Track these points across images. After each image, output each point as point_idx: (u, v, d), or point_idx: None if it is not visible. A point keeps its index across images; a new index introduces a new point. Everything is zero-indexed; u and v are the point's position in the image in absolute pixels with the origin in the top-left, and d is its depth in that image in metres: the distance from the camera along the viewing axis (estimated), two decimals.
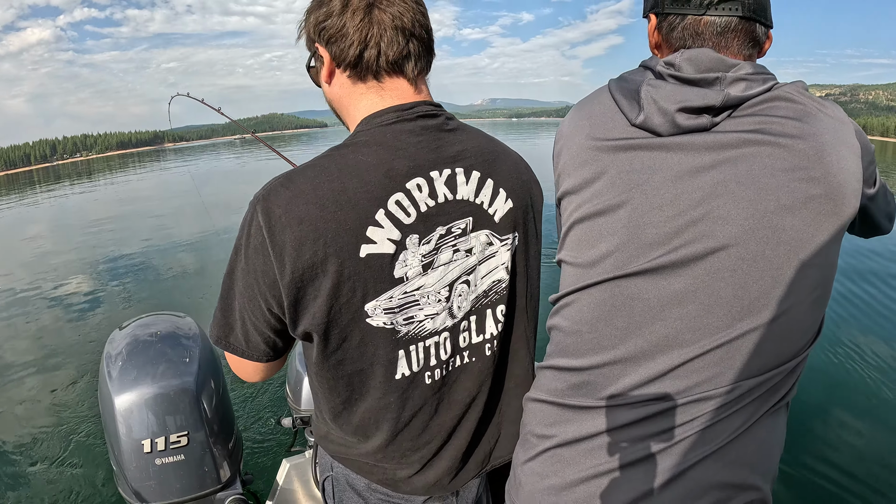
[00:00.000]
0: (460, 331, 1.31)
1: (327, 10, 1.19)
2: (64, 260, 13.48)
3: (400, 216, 1.17)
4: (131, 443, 2.35)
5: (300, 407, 2.85)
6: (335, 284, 1.14)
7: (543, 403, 1.23)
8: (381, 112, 1.22)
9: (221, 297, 1.23)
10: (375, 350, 1.22)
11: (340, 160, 1.17)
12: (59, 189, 45.14)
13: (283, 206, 1.11)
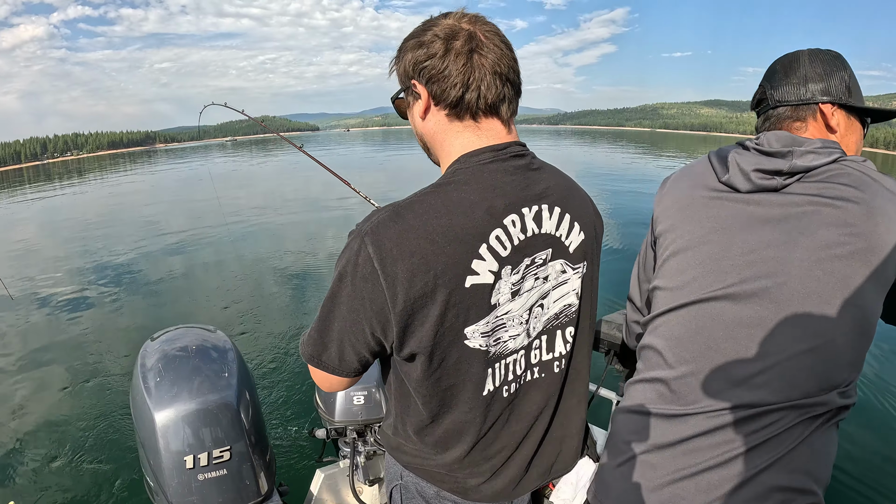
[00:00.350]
0: (532, 349, 1.44)
1: (428, 52, 1.29)
2: (76, 265, 13.57)
3: (499, 249, 1.29)
4: (173, 459, 2.34)
5: (333, 419, 2.90)
6: (442, 312, 1.25)
7: (634, 414, 1.47)
8: (479, 151, 1.33)
9: (320, 318, 1.34)
10: (469, 368, 1.33)
11: (445, 197, 1.27)
12: (63, 187, 45.13)
13: (393, 239, 1.22)
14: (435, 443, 1.43)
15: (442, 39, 1.29)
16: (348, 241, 1.28)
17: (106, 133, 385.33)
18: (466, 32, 1.29)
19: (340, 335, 1.32)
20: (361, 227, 1.26)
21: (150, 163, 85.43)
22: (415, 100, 1.38)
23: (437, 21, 1.34)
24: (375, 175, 36.73)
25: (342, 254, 1.29)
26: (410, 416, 1.43)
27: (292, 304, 10.17)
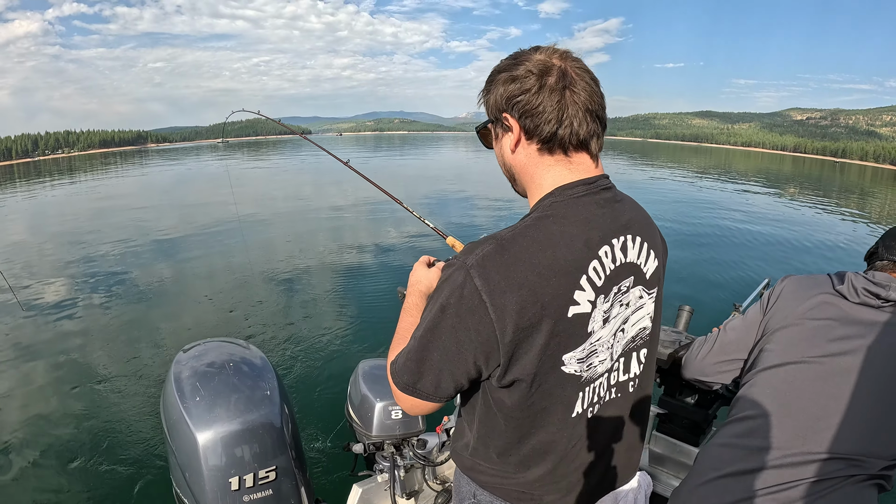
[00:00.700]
0: (613, 370, 1.50)
1: (521, 87, 1.33)
2: (86, 269, 13.60)
3: (595, 280, 1.34)
4: (217, 480, 2.31)
5: (371, 433, 2.91)
6: (546, 341, 1.30)
7: (725, 447, 1.72)
8: (572, 185, 1.38)
9: (417, 349, 1.36)
10: (562, 392, 1.38)
11: (546, 230, 1.32)
12: (63, 185, 44.95)
13: (500, 271, 1.26)
14: (518, 462, 1.47)
15: (535, 75, 1.32)
16: (449, 273, 1.32)
17: (98, 131, 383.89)
18: (559, 69, 1.33)
19: (440, 364, 1.34)
20: (465, 260, 1.29)
21: (142, 164, 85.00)
22: (504, 132, 1.42)
23: (529, 56, 1.37)
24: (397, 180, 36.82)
25: (442, 285, 1.33)
26: (495, 437, 1.46)
27: (316, 313, 10.18)
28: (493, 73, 1.42)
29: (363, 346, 8.56)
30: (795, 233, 20.79)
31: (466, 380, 1.37)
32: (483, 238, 1.34)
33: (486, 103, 1.45)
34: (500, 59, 1.42)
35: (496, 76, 1.40)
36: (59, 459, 5.78)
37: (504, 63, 1.40)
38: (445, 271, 1.34)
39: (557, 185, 1.39)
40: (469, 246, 1.34)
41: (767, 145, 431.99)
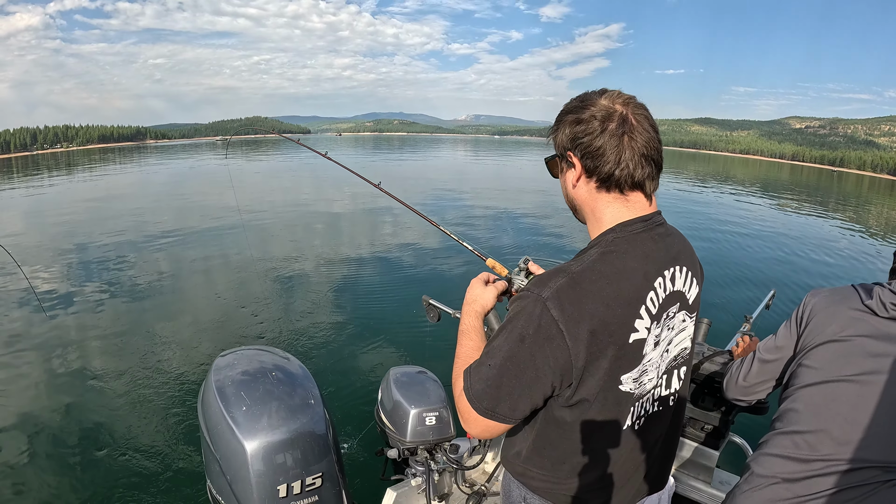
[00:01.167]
0: (658, 387, 1.66)
1: (586, 129, 1.50)
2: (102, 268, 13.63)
3: (651, 308, 1.52)
4: (265, 488, 2.37)
5: (406, 439, 3.02)
6: (610, 365, 1.47)
7: (776, 457, 1.85)
8: (631, 222, 1.55)
9: (497, 376, 1.49)
10: (617, 408, 1.55)
11: (611, 265, 1.48)
12: (71, 180, 44.80)
13: (574, 303, 1.41)
14: (570, 470, 1.62)
15: (599, 120, 1.48)
16: (524, 305, 1.46)
17: (97, 126, 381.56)
18: (620, 115, 1.48)
19: (519, 390, 1.47)
20: (540, 293, 1.43)
21: (146, 161, 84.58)
22: (568, 167, 1.59)
23: (595, 100, 1.51)
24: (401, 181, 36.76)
25: (517, 315, 1.47)
26: (551, 448, 1.62)
27: (340, 320, 10.26)
28: (562, 112, 1.58)
29: (390, 353, 8.66)
30: (796, 242, 21.08)
31: (542, 400, 1.51)
32: (553, 271, 1.49)
33: (554, 140, 1.61)
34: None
35: (564, 116, 1.56)
36: (90, 460, 5.90)
37: (572, 105, 1.55)
38: (519, 302, 1.48)
39: (617, 221, 1.55)
40: (540, 278, 1.49)
41: (766, 153, 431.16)
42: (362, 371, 7.98)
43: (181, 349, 8.85)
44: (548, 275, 1.49)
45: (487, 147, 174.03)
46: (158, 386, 7.50)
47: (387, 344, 9.04)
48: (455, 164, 71.70)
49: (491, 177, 48.16)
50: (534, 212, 24.82)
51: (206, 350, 8.70)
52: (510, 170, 58.77)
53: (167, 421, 6.58)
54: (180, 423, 6.48)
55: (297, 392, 2.64)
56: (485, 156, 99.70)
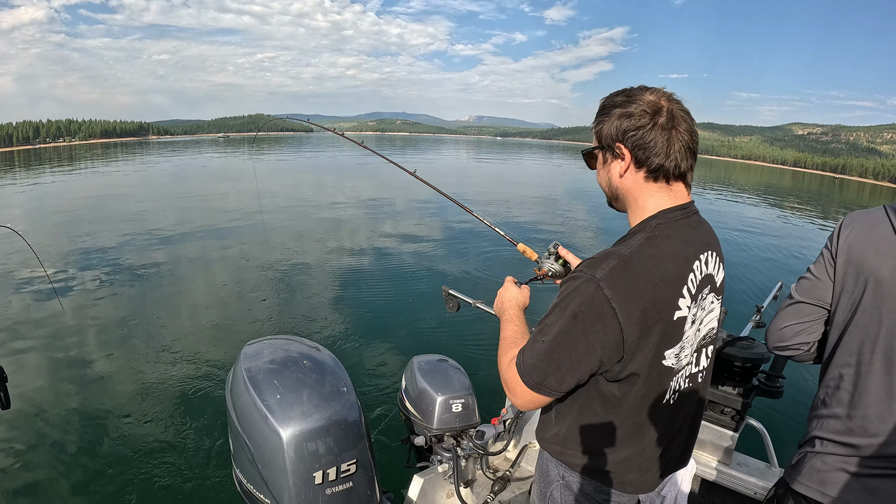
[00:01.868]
0: (689, 364, 1.75)
1: (636, 123, 1.60)
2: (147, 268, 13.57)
3: (691, 289, 1.63)
4: (301, 475, 2.38)
5: (432, 426, 3.08)
6: (658, 341, 1.57)
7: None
8: (672, 209, 1.66)
9: (549, 350, 1.58)
10: (660, 382, 1.65)
11: (657, 249, 1.58)
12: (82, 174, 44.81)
13: (626, 283, 1.50)
14: (610, 445, 1.71)
15: (649, 115, 1.57)
16: (577, 284, 1.54)
17: (99, 121, 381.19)
18: (667, 110, 1.58)
19: (568, 364, 1.56)
20: (593, 273, 1.52)
21: (158, 154, 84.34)
22: (614, 158, 1.67)
23: (640, 96, 1.62)
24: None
25: (570, 294, 1.55)
26: (593, 423, 1.71)
27: (360, 310, 10.35)
28: (607, 106, 1.67)
29: (410, 341, 8.74)
30: (799, 241, 21.92)
31: (588, 376, 1.60)
32: (603, 254, 1.58)
33: (598, 132, 1.70)
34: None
35: (611, 110, 1.65)
36: (115, 447, 5.95)
37: (619, 99, 1.65)
38: (572, 283, 1.57)
39: (659, 208, 1.65)
40: (591, 261, 1.57)
41: (768, 159, 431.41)
42: (383, 359, 8.05)
43: (205, 338, 8.90)
44: (599, 257, 1.57)
45: (489, 148, 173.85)
46: (181, 374, 7.54)
47: (406, 332, 9.14)
48: (457, 164, 71.60)
49: (493, 178, 48.12)
50: (538, 209, 24.86)
51: (230, 339, 8.76)
52: (514, 172, 58.61)
53: (190, 409, 6.63)
54: (204, 411, 6.54)
55: (327, 380, 2.66)
56: (488, 155, 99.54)
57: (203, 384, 7.27)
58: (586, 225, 22.25)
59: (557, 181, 48.09)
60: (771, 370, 3.21)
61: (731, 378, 3.10)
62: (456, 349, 7.62)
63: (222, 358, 8.01)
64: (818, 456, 1.80)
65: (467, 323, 8.84)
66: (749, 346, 3.07)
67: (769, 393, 3.17)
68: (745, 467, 3.16)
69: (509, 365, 1.69)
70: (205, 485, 5.22)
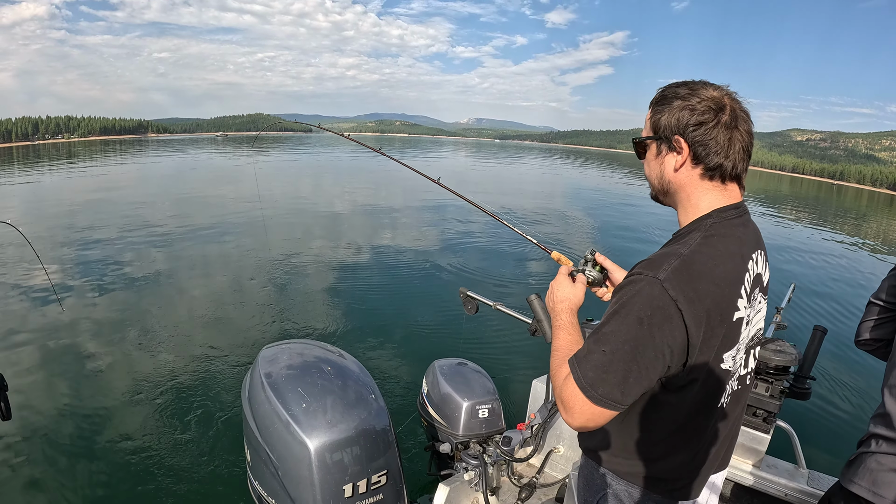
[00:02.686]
0: (740, 365, 1.69)
1: (700, 119, 1.54)
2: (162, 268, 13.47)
3: (748, 289, 1.60)
4: (329, 488, 2.29)
5: (458, 433, 3.01)
6: (720, 344, 1.53)
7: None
8: (726, 208, 1.62)
9: (611, 362, 1.48)
10: (718, 385, 1.59)
11: (715, 249, 1.54)
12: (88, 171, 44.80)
13: (690, 284, 1.45)
14: (664, 451, 1.65)
15: (713, 111, 1.52)
16: (639, 287, 1.47)
17: (98, 118, 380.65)
18: (731, 109, 1.54)
19: (636, 374, 1.47)
20: (655, 274, 1.45)
21: (140, 154, 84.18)
22: (670, 151, 1.61)
23: (702, 90, 1.56)
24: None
25: (632, 298, 1.47)
26: (648, 428, 1.64)
27: (378, 314, 10.24)
28: (668, 96, 1.61)
29: (428, 345, 8.60)
30: (804, 244, 22.21)
31: (653, 383, 1.52)
32: (662, 254, 1.53)
33: (655, 122, 1.63)
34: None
35: (672, 101, 1.58)
36: (124, 454, 5.85)
37: (680, 91, 1.58)
38: (631, 287, 1.49)
39: (713, 207, 1.60)
40: (649, 262, 1.51)
41: (766, 164, 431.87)
42: (400, 363, 7.95)
43: (216, 343, 8.73)
44: (657, 258, 1.52)
45: (490, 151, 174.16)
46: (190, 381, 7.40)
47: (425, 336, 9.04)
48: (457, 163, 71.69)
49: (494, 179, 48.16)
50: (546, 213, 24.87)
51: (245, 343, 8.64)
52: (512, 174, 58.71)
53: (201, 417, 6.50)
54: (216, 420, 6.40)
55: (352, 386, 2.59)
56: (486, 158, 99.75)
57: (215, 390, 7.14)
58: (585, 226, 22.27)
59: (557, 184, 48.09)
60: (799, 372, 3.21)
61: (764, 380, 3.10)
62: (476, 352, 7.50)
63: (237, 362, 7.88)
64: (873, 456, 1.79)
65: (487, 325, 8.74)
66: (781, 347, 3.09)
67: (798, 394, 3.17)
68: (775, 469, 3.17)
69: (565, 383, 1.57)
70: (218, 497, 5.11)
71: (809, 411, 5.61)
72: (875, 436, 1.80)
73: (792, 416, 3.25)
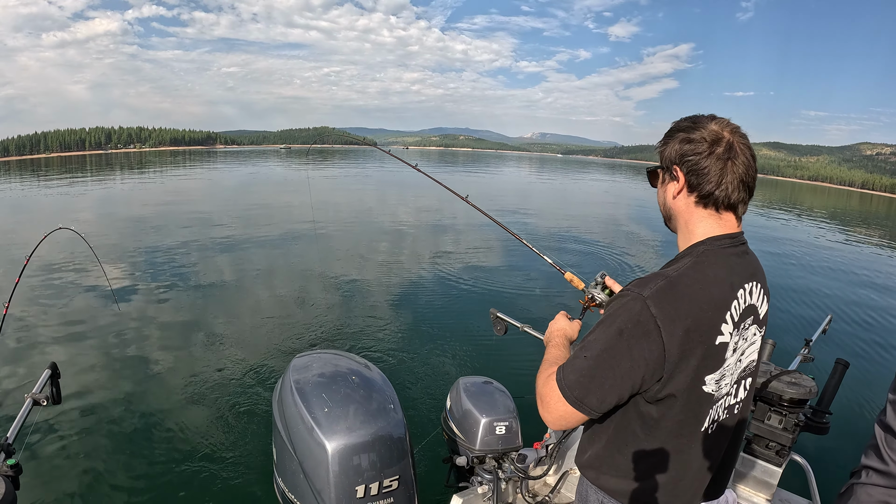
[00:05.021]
0: (729, 395, 1.75)
1: (694, 149, 1.65)
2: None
3: (734, 316, 1.64)
4: (343, 488, 2.45)
5: (475, 447, 3.11)
6: (697, 364, 1.58)
7: None
8: (720, 237, 1.69)
9: (589, 367, 1.60)
10: (698, 408, 1.66)
11: (703, 273, 1.62)
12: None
13: (672, 303, 1.54)
14: (647, 469, 1.72)
15: (708, 143, 1.62)
16: (624, 302, 1.59)
17: (169, 129, 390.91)
18: (727, 142, 1.62)
19: (611, 382, 1.58)
20: (640, 292, 1.57)
21: (207, 166, 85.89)
22: (671, 180, 1.73)
23: (705, 124, 1.66)
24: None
25: (617, 311, 1.59)
26: (630, 446, 1.72)
27: (408, 328, 10.38)
28: (672, 130, 1.73)
29: (456, 363, 8.70)
30: (855, 270, 20.59)
31: (628, 394, 1.61)
32: (652, 275, 1.63)
33: (661, 153, 1.76)
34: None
35: (675, 134, 1.71)
36: (157, 450, 6.12)
37: (684, 124, 1.71)
38: (619, 300, 1.61)
39: (708, 235, 1.69)
40: (640, 281, 1.62)
41: (835, 180, 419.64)
42: (428, 379, 8.06)
43: (255, 347, 9.04)
44: (647, 278, 1.62)
45: (554, 166, 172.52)
46: (228, 382, 7.70)
47: (454, 354, 9.09)
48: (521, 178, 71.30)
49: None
50: (601, 233, 24.67)
51: (279, 350, 8.89)
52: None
53: (236, 416, 6.76)
54: (248, 419, 6.65)
55: (374, 396, 2.73)
56: (549, 175, 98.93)
57: (250, 392, 7.41)
58: (644, 248, 21.97)
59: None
60: (818, 405, 3.15)
61: (777, 412, 3.05)
62: (502, 372, 7.57)
63: (271, 368, 8.14)
64: (863, 487, 1.74)
65: (514, 346, 8.71)
66: (796, 380, 3.02)
67: (815, 429, 3.10)
68: (788, 503, 3.12)
69: (547, 379, 1.71)
70: (246, 491, 5.31)
71: (828, 446, 5.48)
72: (866, 467, 1.83)
73: (811, 451, 3.19)
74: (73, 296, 11.58)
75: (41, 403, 2.57)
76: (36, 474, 5.50)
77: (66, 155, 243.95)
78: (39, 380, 2.65)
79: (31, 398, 2.55)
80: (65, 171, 70.89)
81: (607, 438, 1.76)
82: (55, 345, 8.99)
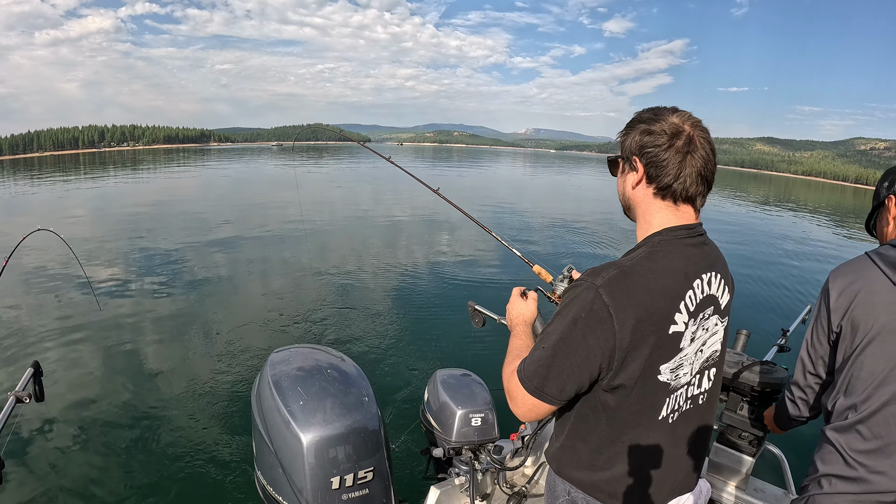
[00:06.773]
0: (691, 385, 1.76)
1: (653, 141, 1.66)
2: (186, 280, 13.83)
3: (689, 306, 1.66)
4: (319, 480, 2.46)
5: (451, 439, 3.13)
6: (650, 352, 1.60)
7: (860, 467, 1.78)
8: (676, 228, 1.70)
9: (549, 356, 1.63)
10: (654, 397, 1.67)
11: (656, 263, 1.64)
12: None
13: (624, 292, 1.56)
14: (609, 459, 1.73)
15: (668, 135, 1.64)
16: (578, 292, 1.60)
17: (162, 127, 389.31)
18: (687, 135, 1.64)
19: (568, 370, 1.60)
20: (594, 281, 1.58)
21: (200, 164, 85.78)
22: (630, 170, 1.74)
23: (666, 116, 1.67)
24: None
25: (571, 302, 1.61)
26: (591, 436, 1.73)
27: (386, 323, 10.43)
28: (634, 120, 1.74)
29: (435, 356, 8.79)
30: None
31: (587, 382, 1.63)
32: (606, 264, 1.64)
33: (622, 143, 1.77)
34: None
35: (636, 125, 1.71)
36: (140, 446, 6.16)
37: (645, 116, 1.72)
38: (574, 290, 1.62)
39: (664, 226, 1.70)
40: (593, 270, 1.63)
41: (829, 175, 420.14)
42: (408, 372, 8.13)
43: (234, 343, 9.12)
44: (601, 267, 1.63)
45: (548, 161, 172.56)
46: (210, 377, 7.78)
47: (433, 347, 9.18)
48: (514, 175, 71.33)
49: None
50: (580, 225, 24.73)
51: (258, 346, 8.97)
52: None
53: (216, 411, 6.84)
54: (229, 414, 6.73)
55: (350, 390, 2.74)
56: (542, 170, 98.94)
57: (231, 388, 7.48)
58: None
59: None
60: None
61: (749, 402, 3.03)
62: (480, 364, 7.56)
63: (252, 364, 8.21)
64: (827, 497, 1.81)
65: (492, 338, 8.75)
66: (769, 370, 2.98)
67: None
68: (762, 493, 3.10)
69: (511, 374, 1.74)
70: (227, 486, 5.36)
71: (803, 434, 5.55)
72: (827, 475, 1.82)
73: (785, 441, 3.20)
74: (54, 296, 11.67)
75: (24, 401, 2.59)
76: (16, 471, 5.56)
77: (60, 154, 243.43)
78: (22, 378, 2.67)
79: (15, 396, 2.56)
80: (57, 169, 70.62)
81: (570, 429, 1.77)
82: (37, 344, 9.05)
